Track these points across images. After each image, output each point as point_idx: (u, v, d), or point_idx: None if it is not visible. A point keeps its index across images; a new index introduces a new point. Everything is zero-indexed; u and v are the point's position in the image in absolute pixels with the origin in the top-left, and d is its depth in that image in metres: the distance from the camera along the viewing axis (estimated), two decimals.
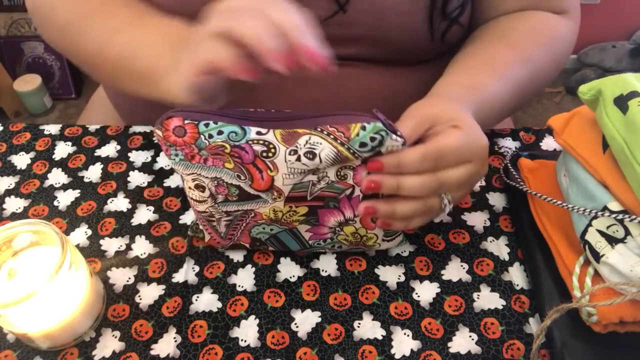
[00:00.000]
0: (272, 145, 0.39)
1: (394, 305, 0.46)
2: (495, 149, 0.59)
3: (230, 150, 0.39)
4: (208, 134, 0.39)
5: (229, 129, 0.39)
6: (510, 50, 0.55)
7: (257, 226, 0.45)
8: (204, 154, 0.40)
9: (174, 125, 0.39)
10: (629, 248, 0.39)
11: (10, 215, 0.53)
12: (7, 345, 0.44)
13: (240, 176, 0.41)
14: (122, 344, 0.44)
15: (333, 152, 0.39)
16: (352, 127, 0.38)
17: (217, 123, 0.39)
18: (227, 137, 0.39)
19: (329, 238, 0.46)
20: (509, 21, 0.59)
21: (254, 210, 0.43)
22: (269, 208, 0.43)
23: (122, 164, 0.57)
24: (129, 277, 0.48)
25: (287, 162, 0.39)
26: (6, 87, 1.71)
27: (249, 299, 0.46)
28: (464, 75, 0.53)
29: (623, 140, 0.39)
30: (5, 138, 0.61)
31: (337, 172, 0.41)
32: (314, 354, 0.43)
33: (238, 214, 0.44)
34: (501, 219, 0.52)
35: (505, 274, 0.48)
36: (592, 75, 1.76)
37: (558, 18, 0.59)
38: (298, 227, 0.45)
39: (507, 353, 0.43)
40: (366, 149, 0.39)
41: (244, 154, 0.39)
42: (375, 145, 0.39)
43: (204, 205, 0.44)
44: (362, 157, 0.39)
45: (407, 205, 0.42)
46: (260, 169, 0.40)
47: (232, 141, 0.39)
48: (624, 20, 1.76)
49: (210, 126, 0.39)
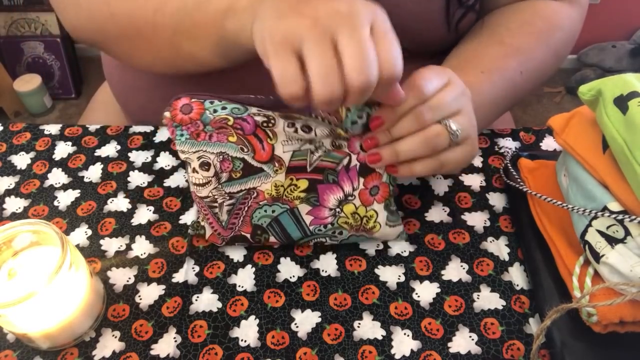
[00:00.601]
0: (271, 116, 0.43)
1: (394, 305, 0.46)
2: (495, 149, 0.59)
3: (233, 122, 0.43)
4: (213, 109, 0.43)
5: (232, 105, 0.43)
6: (497, 45, 0.55)
7: (259, 209, 0.46)
8: (209, 129, 0.44)
9: (182, 103, 0.43)
10: (629, 248, 0.39)
11: (10, 215, 0.53)
12: (7, 345, 0.44)
13: (244, 148, 0.44)
14: (122, 344, 0.44)
15: (327, 129, 0.43)
16: (340, 110, 0.42)
17: (221, 101, 0.43)
18: (230, 112, 0.43)
19: (329, 223, 0.47)
20: (502, 16, 0.59)
21: (257, 188, 0.45)
22: (270, 184, 0.45)
23: (122, 164, 0.57)
24: (129, 277, 0.48)
25: (286, 131, 0.43)
26: (6, 87, 1.71)
27: (249, 299, 0.46)
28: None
29: (623, 140, 0.39)
30: (5, 138, 0.61)
31: (332, 142, 0.44)
32: (314, 354, 0.43)
33: (240, 196, 0.46)
34: (501, 219, 0.52)
35: (505, 274, 0.48)
36: (592, 75, 1.76)
37: (557, 6, 0.58)
38: (299, 206, 0.46)
39: (507, 353, 0.43)
40: (357, 126, 0.43)
41: (245, 125, 0.43)
42: (364, 122, 0.42)
43: (207, 189, 0.45)
44: (354, 133, 0.43)
45: (408, 141, 0.42)
46: (261, 139, 0.44)
47: (235, 114, 0.43)
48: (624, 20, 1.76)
49: (215, 103, 0.43)
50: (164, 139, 0.60)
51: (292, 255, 0.49)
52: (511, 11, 0.58)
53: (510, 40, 0.55)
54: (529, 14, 0.57)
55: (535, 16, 0.57)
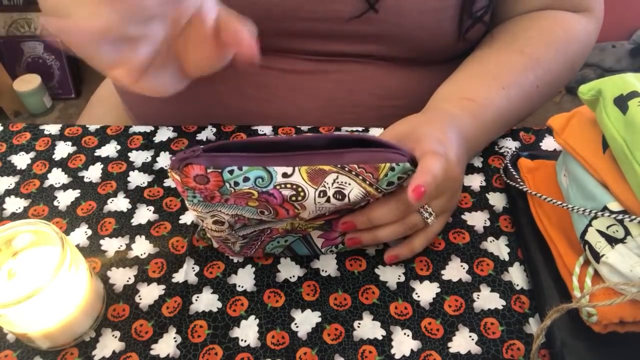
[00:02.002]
0: (300, 188, 0.38)
1: (394, 305, 0.46)
2: (495, 149, 0.59)
3: (258, 196, 0.38)
4: (234, 182, 0.37)
5: (254, 174, 0.37)
6: (517, 55, 0.55)
7: (272, 241, 0.46)
8: (227, 197, 0.38)
9: (195, 173, 0.36)
10: (629, 248, 0.39)
11: (10, 215, 0.53)
12: (7, 345, 0.44)
13: (264, 212, 0.40)
14: (122, 344, 0.44)
15: (362, 193, 0.39)
16: (381, 167, 0.38)
17: (241, 169, 0.37)
18: (254, 184, 0.37)
19: (340, 243, 0.47)
20: (521, 23, 0.58)
21: (271, 227, 0.44)
22: (287, 223, 0.44)
23: (122, 164, 0.57)
24: (129, 277, 0.48)
25: (317, 203, 0.39)
26: (6, 87, 1.71)
27: (249, 299, 0.46)
28: (464, 86, 0.54)
29: (623, 140, 0.39)
30: (5, 138, 0.61)
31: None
32: (314, 354, 0.43)
33: (254, 234, 0.45)
34: (501, 219, 0.52)
35: (505, 274, 0.48)
36: (592, 75, 1.76)
37: (576, 17, 0.58)
38: (311, 233, 0.46)
39: (507, 353, 0.43)
40: (392, 187, 0.40)
41: (272, 199, 0.38)
42: (401, 183, 0.40)
43: (220, 233, 0.44)
44: (385, 192, 0.40)
45: (387, 229, 0.44)
46: (287, 209, 0.39)
47: (260, 187, 0.37)
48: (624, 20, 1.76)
49: (235, 173, 0.36)
50: (164, 139, 0.60)
51: (292, 256, 0.49)
52: (530, 20, 0.58)
53: (530, 50, 0.55)
54: (548, 24, 0.57)
55: (555, 26, 0.57)
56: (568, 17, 0.58)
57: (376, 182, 0.38)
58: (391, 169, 0.38)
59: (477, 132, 0.51)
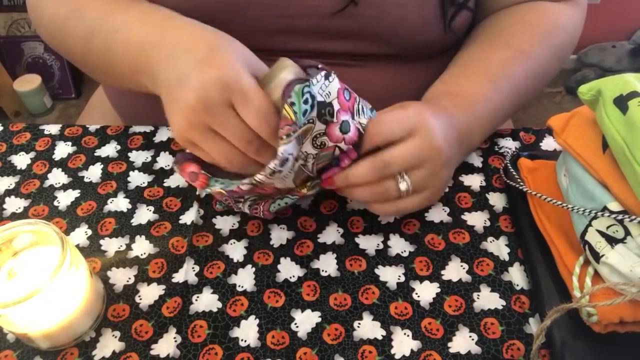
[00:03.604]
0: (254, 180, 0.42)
1: (394, 305, 0.46)
2: (495, 149, 0.59)
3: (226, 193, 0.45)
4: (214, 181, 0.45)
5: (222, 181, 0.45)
6: (504, 48, 0.55)
7: (273, 203, 0.48)
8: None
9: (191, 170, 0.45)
10: (629, 248, 0.39)
11: (10, 215, 0.53)
12: (7, 345, 0.44)
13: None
14: (122, 344, 0.44)
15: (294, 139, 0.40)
16: (284, 113, 0.38)
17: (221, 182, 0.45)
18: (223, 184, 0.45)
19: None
20: (506, 16, 0.58)
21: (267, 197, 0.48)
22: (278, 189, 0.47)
23: (122, 164, 0.57)
24: (129, 277, 0.48)
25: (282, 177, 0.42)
26: (6, 87, 1.71)
27: (249, 299, 0.46)
28: (453, 84, 0.54)
29: (623, 140, 0.39)
30: (5, 138, 0.61)
31: (313, 144, 0.42)
32: (314, 354, 0.43)
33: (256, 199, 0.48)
34: (501, 219, 0.52)
35: (505, 274, 0.48)
36: (592, 75, 1.76)
37: (560, 7, 0.58)
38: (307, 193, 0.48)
39: (507, 353, 0.43)
40: (314, 112, 0.40)
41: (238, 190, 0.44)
42: (312, 102, 0.39)
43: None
44: (316, 119, 0.40)
45: (359, 191, 0.45)
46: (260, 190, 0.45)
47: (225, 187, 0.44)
48: (624, 20, 1.76)
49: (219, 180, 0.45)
50: (164, 138, 0.60)
51: (292, 255, 0.49)
52: (514, 13, 0.58)
53: (516, 42, 0.55)
54: (533, 15, 0.57)
55: (540, 17, 0.57)
56: (553, 7, 0.58)
57: (296, 124, 0.38)
58: (291, 105, 0.38)
59: (469, 125, 0.50)
